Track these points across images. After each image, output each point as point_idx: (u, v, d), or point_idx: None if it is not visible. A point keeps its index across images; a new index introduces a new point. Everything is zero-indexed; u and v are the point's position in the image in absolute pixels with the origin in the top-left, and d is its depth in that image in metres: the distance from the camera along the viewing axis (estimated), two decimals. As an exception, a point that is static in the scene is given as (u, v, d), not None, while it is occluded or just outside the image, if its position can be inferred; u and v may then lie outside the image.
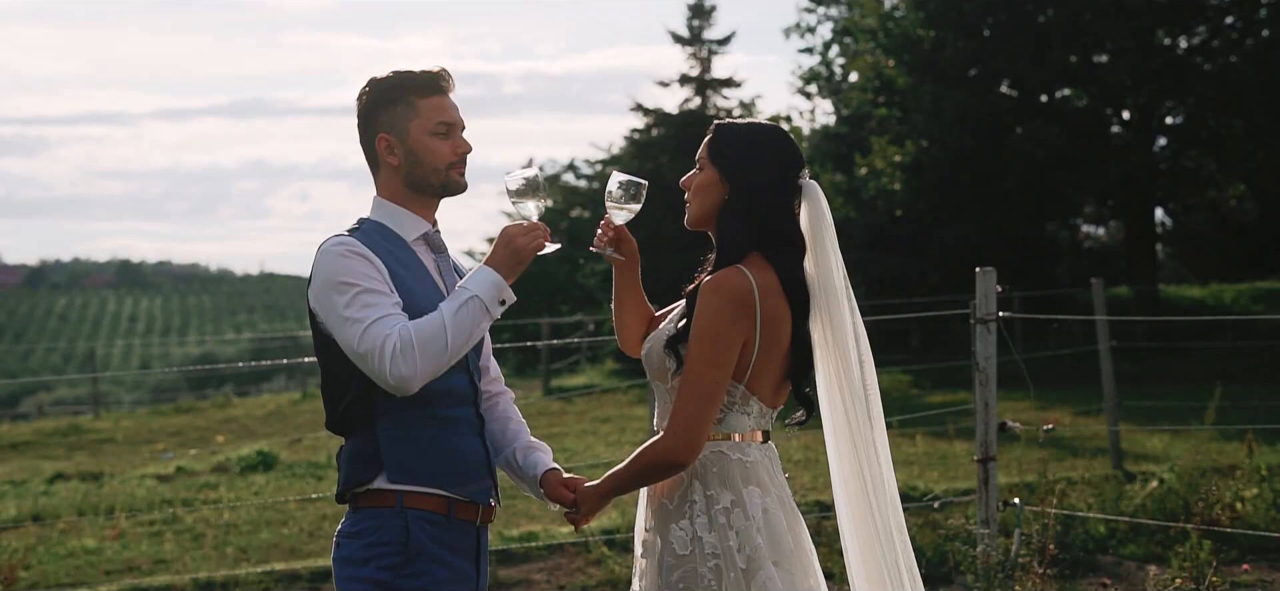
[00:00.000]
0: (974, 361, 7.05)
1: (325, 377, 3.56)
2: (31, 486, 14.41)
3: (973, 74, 26.66)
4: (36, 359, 79.07)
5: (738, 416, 3.54)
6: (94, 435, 20.20)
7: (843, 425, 3.59)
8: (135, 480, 14.40)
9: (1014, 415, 15.60)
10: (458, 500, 3.53)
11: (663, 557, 3.52)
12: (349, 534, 3.51)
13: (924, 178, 26.34)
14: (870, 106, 28.31)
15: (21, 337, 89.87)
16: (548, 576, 8.88)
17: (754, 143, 3.59)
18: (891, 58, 27.09)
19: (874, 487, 3.57)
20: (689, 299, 3.58)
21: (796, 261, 3.56)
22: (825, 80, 35.30)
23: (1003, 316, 7.25)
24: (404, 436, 3.48)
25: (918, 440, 14.44)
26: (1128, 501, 9.47)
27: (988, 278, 7.08)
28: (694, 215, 3.64)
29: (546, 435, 16.73)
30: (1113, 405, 12.19)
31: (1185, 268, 37.27)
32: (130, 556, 10.03)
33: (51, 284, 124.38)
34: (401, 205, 3.61)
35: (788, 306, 3.52)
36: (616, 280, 3.83)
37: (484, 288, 3.44)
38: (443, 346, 3.36)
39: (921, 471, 12.36)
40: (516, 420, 3.84)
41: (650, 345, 3.63)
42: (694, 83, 30.37)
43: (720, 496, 3.49)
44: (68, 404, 37.41)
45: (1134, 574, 8.18)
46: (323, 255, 3.48)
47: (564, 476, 3.70)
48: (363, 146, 3.65)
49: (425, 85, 3.59)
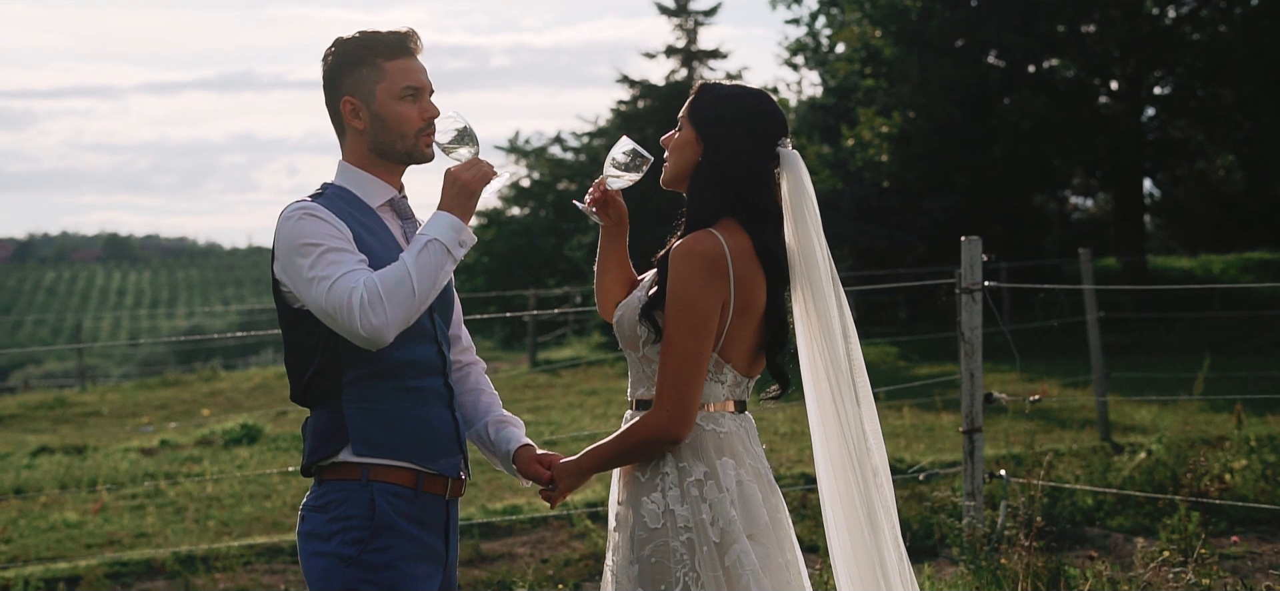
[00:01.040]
0: (959, 332, 7.00)
1: (288, 348, 3.47)
2: (15, 460, 14.33)
3: (960, 44, 26.57)
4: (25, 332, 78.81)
5: (711, 385, 3.45)
6: (80, 408, 20.11)
7: (828, 402, 3.51)
8: (119, 453, 14.32)
9: (1001, 386, 15.58)
10: (426, 473, 3.44)
11: (634, 531, 3.44)
12: (314, 507, 3.42)
13: (911, 149, 26.27)
14: (857, 77, 28.22)
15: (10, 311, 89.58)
16: (531, 550, 8.82)
17: (733, 105, 3.50)
18: (878, 28, 26.98)
19: (859, 464, 3.48)
20: (660, 265, 3.50)
21: (771, 231, 3.48)
22: (812, 51, 35.21)
23: (989, 286, 7.19)
24: (370, 408, 3.40)
25: (905, 412, 14.40)
26: (1115, 473, 9.43)
27: (973, 247, 7.02)
28: (668, 174, 3.57)
29: (532, 408, 16.68)
30: (1100, 376, 12.15)
31: (1173, 238, 37.26)
32: (112, 530, 9.96)
33: (40, 258, 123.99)
34: (366, 170, 3.52)
35: (762, 271, 3.44)
36: (602, 243, 3.75)
37: (441, 230, 3.35)
38: (409, 293, 3.27)
39: (908, 443, 12.32)
40: (489, 392, 3.75)
41: (622, 312, 3.54)
42: (680, 54, 30.29)
43: (693, 468, 3.41)
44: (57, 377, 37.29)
45: (1122, 546, 8.14)
46: (284, 221, 3.38)
47: (538, 452, 3.61)
48: (328, 109, 3.55)
49: (392, 47, 3.48)
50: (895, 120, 26.36)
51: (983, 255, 7.08)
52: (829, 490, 3.54)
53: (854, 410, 3.50)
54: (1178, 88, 27.22)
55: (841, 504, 3.52)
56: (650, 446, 3.40)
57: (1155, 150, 27.55)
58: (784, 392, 3.56)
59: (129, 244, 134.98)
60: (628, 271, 3.77)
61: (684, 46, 30.38)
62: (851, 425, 3.49)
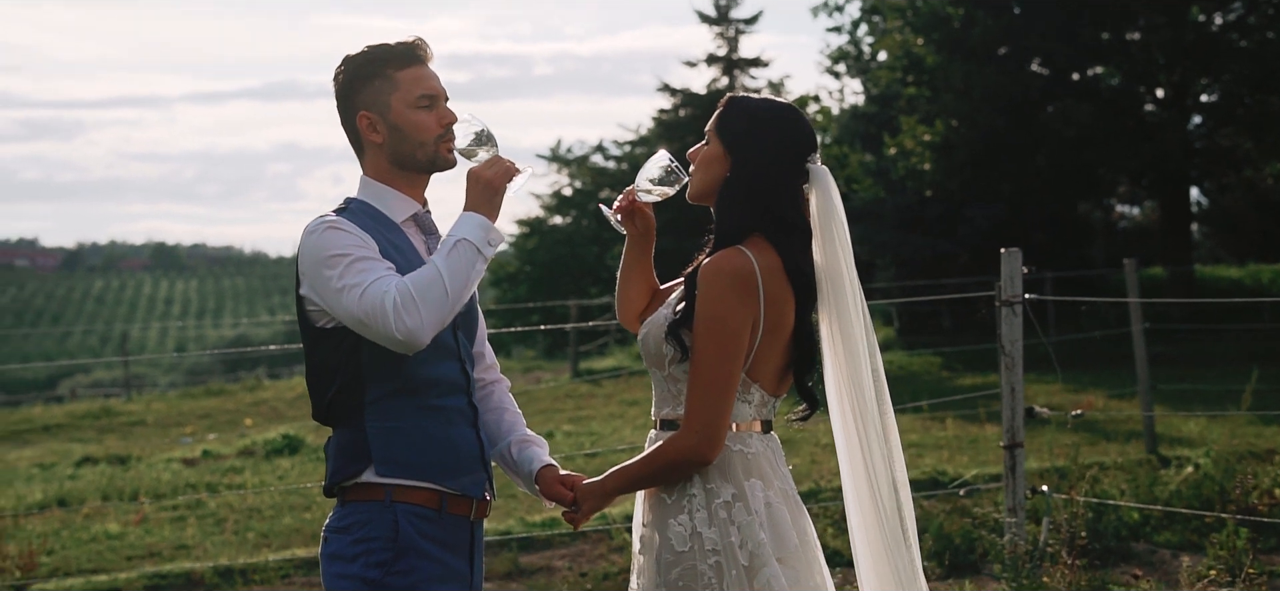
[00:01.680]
0: (1000, 344, 6.91)
1: (310, 367, 3.42)
2: (59, 470, 14.42)
3: (1003, 52, 26.39)
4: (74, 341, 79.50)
5: (739, 405, 3.38)
6: (125, 418, 20.22)
7: (851, 422, 3.45)
8: (162, 464, 14.38)
9: (1046, 398, 15.44)
10: (449, 494, 3.39)
11: (661, 554, 3.37)
12: (336, 529, 3.37)
13: (954, 157, 26.09)
14: (899, 85, 28.07)
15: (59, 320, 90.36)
16: (570, 563, 8.78)
17: (762, 120, 3.44)
18: (921, 36, 26.83)
19: (881, 490, 3.42)
20: (687, 282, 3.43)
21: (800, 248, 3.41)
22: (854, 59, 35.05)
23: (1031, 298, 7.10)
24: (393, 427, 3.35)
25: (948, 423, 14.28)
26: (1162, 487, 9.29)
27: (1013, 258, 6.93)
28: (696, 188, 3.50)
29: (573, 418, 16.65)
30: (1146, 388, 12.00)
31: (1221, 248, 36.90)
32: (152, 541, 9.98)
33: (88, 267, 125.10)
34: (388, 184, 3.47)
35: (791, 290, 3.38)
36: (627, 252, 3.69)
37: (469, 229, 3.30)
38: (442, 293, 3.22)
39: (951, 455, 12.22)
40: (512, 411, 3.69)
41: (647, 329, 3.47)
42: (721, 62, 30.25)
43: (721, 490, 3.34)
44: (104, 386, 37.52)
45: (1168, 563, 8.01)
46: (308, 235, 3.34)
47: (561, 473, 3.55)
48: (344, 128, 3.51)
49: (403, 57, 3.44)
50: (938, 129, 26.19)
51: (1024, 267, 6.99)
52: (853, 509, 3.48)
53: (876, 433, 3.42)
54: (1225, 95, 26.94)
55: (863, 524, 3.46)
56: (678, 468, 3.34)
57: (1202, 158, 27.27)
58: (811, 414, 3.50)
59: (176, 253, 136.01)
60: (651, 281, 3.71)
61: (725, 55, 30.35)
62: (875, 447, 3.42)
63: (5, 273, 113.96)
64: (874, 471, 3.43)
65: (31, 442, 18.20)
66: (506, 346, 32.45)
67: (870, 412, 3.43)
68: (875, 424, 3.43)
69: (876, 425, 3.44)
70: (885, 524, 3.42)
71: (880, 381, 3.45)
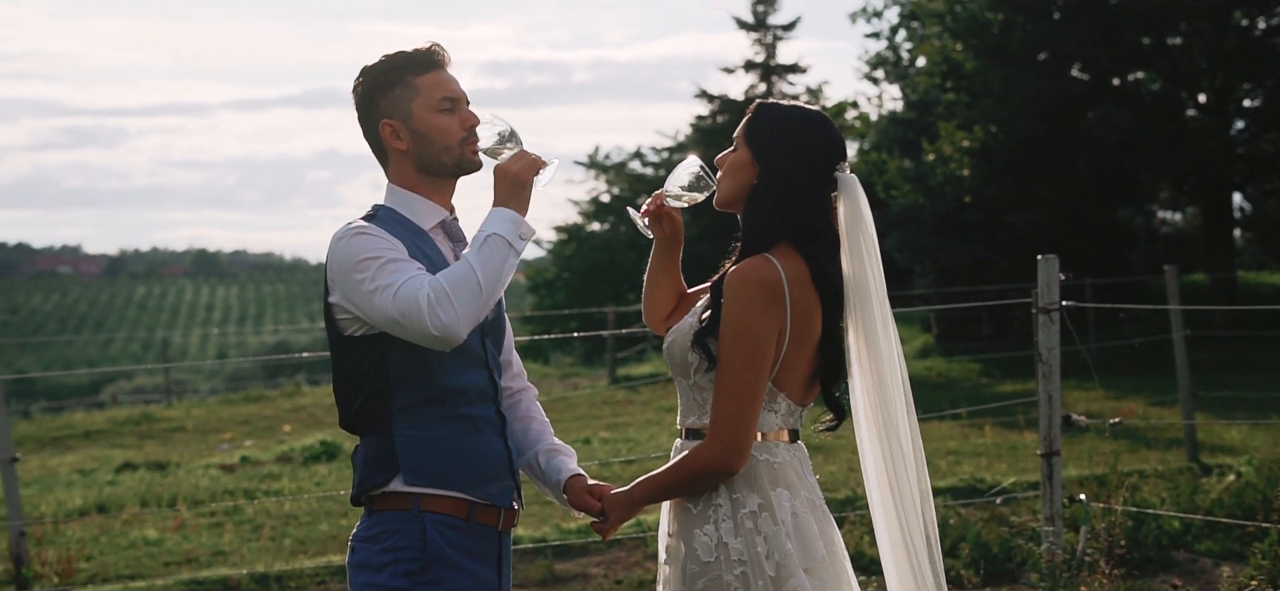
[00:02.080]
0: (1036, 352, 6.86)
1: (338, 375, 3.42)
2: (99, 476, 14.52)
3: (1042, 57, 26.23)
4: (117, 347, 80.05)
5: (765, 414, 3.35)
6: (165, 424, 20.36)
7: (876, 433, 3.42)
8: (200, 470, 14.46)
9: (1086, 405, 15.33)
10: (478, 503, 3.38)
11: (686, 565, 3.35)
12: (364, 538, 3.36)
13: (993, 163, 25.95)
14: (938, 91, 27.95)
15: (102, 327, 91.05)
16: (605, 570, 8.76)
17: (790, 127, 3.41)
18: (959, 42, 26.71)
19: (906, 501, 3.39)
20: (713, 290, 3.41)
21: (828, 257, 3.39)
22: (892, 65, 34.94)
23: (1069, 305, 7.04)
24: (421, 436, 3.34)
25: (986, 431, 14.20)
26: (1203, 496, 9.19)
27: (1050, 265, 6.88)
28: (723, 195, 3.48)
29: (610, 424, 16.64)
30: (1187, 396, 11.90)
31: (1264, 253, 36.53)
32: (190, 548, 10.03)
33: (131, 273, 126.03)
34: (415, 191, 3.46)
35: (818, 299, 3.35)
36: (654, 256, 3.69)
37: (500, 224, 3.29)
38: (475, 287, 3.21)
39: (990, 463, 12.14)
40: (540, 420, 3.67)
41: (673, 338, 3.45)
42: (759, 69, 30.19)
43: (746, 500, 3.31)
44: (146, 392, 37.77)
45: (1209, 572, 7.93)
46: (336, 242, 3.34)
47: (589, 483, 3.52)
48: (367, 139, 3.50)
49: (421, 62, 3.43)
50: (976, 134, 26.06)
51: (1061, 273, 6.93)
52: (880, 519, 3.45)
53: (902, 443, 3.39)
54: (1268, 100, 26.70)
55: (889, 534, 3.43)
56: (704, 478, 3.31)
57: (1245, 163, 27.04)
58: (838, 423, 3.47)
59: (217, 259, 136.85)
60: (678, 285, 3.69)
61: (763, 61, 30.29)
62: (899, 457, 3.39)
63: (49, 279, 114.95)
64: (899, 482, 3.40)
65: (73, 448, 18.34)
66: (544, 353, 32.48)
67: (896, 423, 3.40)
68: (900, 435, 3.40)
69: (902, 436, 3.41)
70: (910, 535, 3.39)
71: (906, 392, 3.42)
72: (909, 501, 3.39)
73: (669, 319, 3.68)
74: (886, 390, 3.39)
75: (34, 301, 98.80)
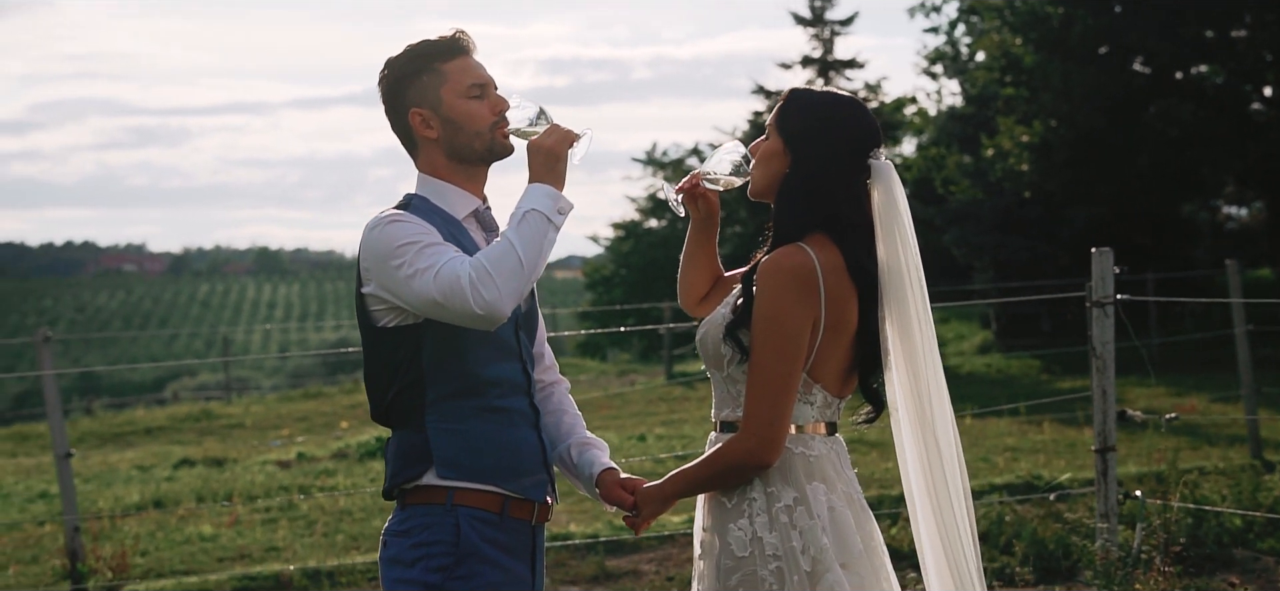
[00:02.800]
0: (1090, 346, 6.76)
1: (370, 368, 3.38)
2: (157, 472, 14.63)
3: (1103, 51, 25.94)
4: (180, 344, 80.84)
5: (800, 406, 3.29)
6: (225, 420, 20.53)
7: (914, 424, 3.35)
8: (257, 466, 14.54)
9: (1147, 402, 15.15)
10: (512, 497, 3.33)
11: (721, 560, 3.29)
12: (397, 532, 3.32)
13: (1052, 158, 25.69)
14: (997, 86, 27.72)
15: (166, 323, 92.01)
16: (657, 567, 8.73)
17: (822, 114, 3.34)
18: (1019, 36, 26.45)
19: (942, 496, 3.32)
20: (745, 281, 3.34)
21: (862, 247, 3.31)
22: (951, 60, 34.66)
23: (1125, 299, 6.94)
24: (454, 429, 3.29)
25: (1045, 427, 14.08)
26: (1266, 493, 9.03)
27: (1104, 258, 6.79)
28: (756, 184, 3.42)
29: (666, 420, 16.62)
30: (1251, 392, 11.72)
31: (1332, 248, 35.98)
32: (244, 544, 10.08)
33: (194, 271, 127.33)
34: (447, 180, 3.42)
35: (853, 288, 3.28)
36: (690, 234, 3.64)
37: (537, 200, 3.23)
38: (516, 264, 3.15)
39: (1048, 460, 12.03)
40: (572, 413, 3.62)
41: (705, 329, 3.39)
42: (816, 64, 30.04)
43: (782, 494, 3.25)
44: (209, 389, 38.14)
45: (1271, 570, 7.79)
46: (370, 231, 3.29)
47: (622, 477, 3.47)
48: (396, 130, 3.46)
49: (448, 49, 3.39)
50: (1036, 129, 25.81)
51: (1116, 267, 6.83)
52: (918, 514, 3.39)
53: (938, 436, 3.33)
54: (1335, 93, 26.29)
55: (928, 530, 3.37)
56: (738, 471, 3.25)
57: (1312, 157, 26.62)
58: (876, 415, 3.40)
59: (279, 257, 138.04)
60: (714, 267, 3.64)
61: (820, 56, 30.15)
62: (934, 451, 3.33)
63: (114, 277, 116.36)
64: (937, 476, 3.33)
65: (134, 444, 18.52)
66: (601, 349, 32.51)
67: (933, 417, 3.33)
68: (938, 429, 3.33)
69: (939, 430, 3.34)
70: (950, 530, 3.32)
71: (941, 384, 3.35)
72: (949, 496, 3.32)
73: (703, 301, 3.64)
74: (922, 384, 3.32)
75: (100, 299, 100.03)
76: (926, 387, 3.33)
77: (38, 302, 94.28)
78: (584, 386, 22.25)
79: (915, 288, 3.32)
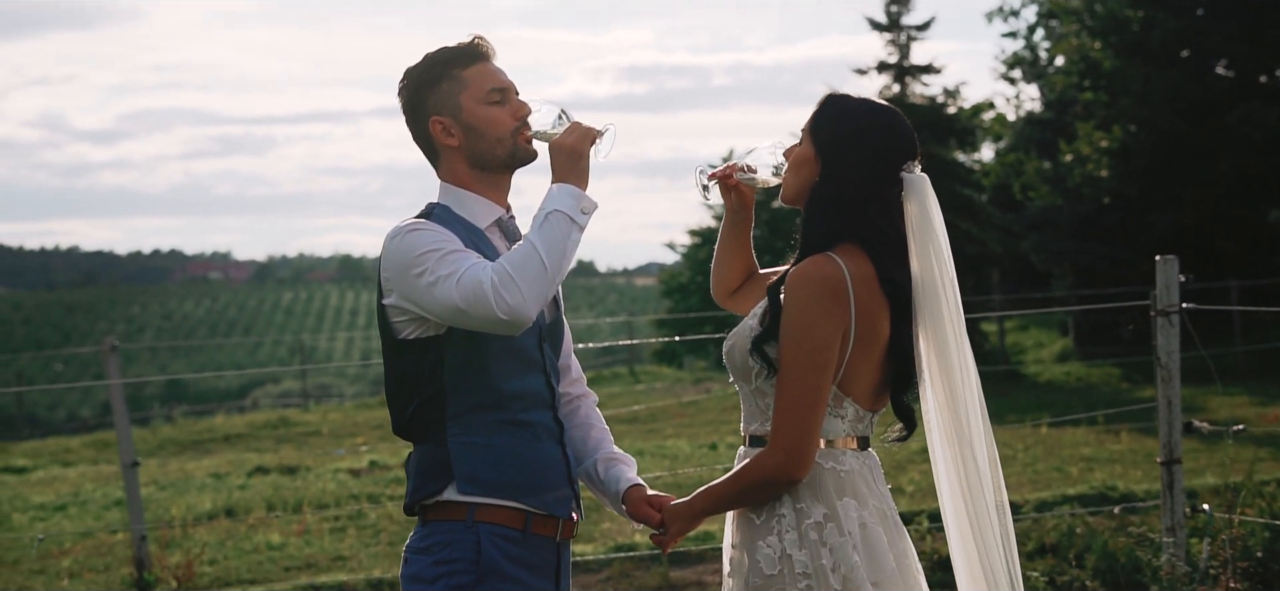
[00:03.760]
0: (1155, 356, 6.63)
1: (390, 380, 3.33)
2: (231, 480, 14.75)
3: (1185, 55, 25.55)
4: (264, 352, 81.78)
5: (831, 420, 3.21)
6: (302, 427, 20.68)
7: (951, 447, 3.26)
8: (329, 474, 14.62)
9: (1230, 411, 14.85)
10: (535, 513, 3.27)
11: (749, 578, 3.22)
12: (417, 549, 3.27)
13: (1132, 163, 25.34)
14: (1075, 91, 27.40)
15: (251, 331, 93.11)
16: (721, 579, 8.67)
17: (854, 123, 3.26)
18: (1098, 40, 26.13)
19: (979, 515, 3.23)
20: (771, 293, 3.26)
21: (894, 259, 3.22)
22: (1030, 65, 34.33)
23: (1193, 308, 6.80)
24: (476, 443, 3.24)
25: (1123, 436, 13.85)
26: (1353, 508, 8.81)
27: (1169, 266, 6.66)
28: (786, 190, 3.36)
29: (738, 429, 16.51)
30: (1334, 402, 11.45)
31: None
32: (311, 553, 10.13)
33: (278, 279, 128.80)
34: (469, 189, 3.37)
35: (885, 301, 3.20)
36: (723, 226, 3.60)
37: (560, 200, 3.17)
38: (540, 266, 3.09)
39: (1124, 470, 11.84)
40: (599, 427, 3.55)
41: (733, 342, 3.31)
42: (892, 70, 29.79)
43: (811, 510, 3.17)
44: (292, 396, 38.54)
45: (1352, 587, 7.59)
46: (390, 241, 3.25)
47: (649, 494, 3.40)
48: (417, 140, 3.42)
49: (466, 56, 3.35)
50: (1115, 134, 25.48)
51: (1182, 275, 6.69)
52: (953, 533, 3.30)
53: (975, 454, 3.23)
54: None
55: (963, 549, 3.28)
56: (766, 487, 3.18)
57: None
58: (908, 434, 3.32)
59: (362, 265, 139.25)
60: (748, 261, 3.59)
61: (896, 62, 29.89)
62: (972, 469, 3.24)
63: (200, 285, 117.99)
64: (973, 494, 3.24)
65: (212, 452, 18.71)
66: (678, 357, 32.50)
67: (969, 435, 3.24)
68: (974, 446, 3.24)
69: (976, 447, 3.24)
70: (985, 549, 3.23)
71: (978, 401, 3.26)
72: (984, 514, 3.23)
73: (734, 295, 3.60)
74: (958, 400, 3.24)
75: (186, 307, 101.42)
76: (963, 405, 3.24)
77: (126, 311, 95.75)
78: (660, 394, 22.23)
79: (951, 303, 3.23)
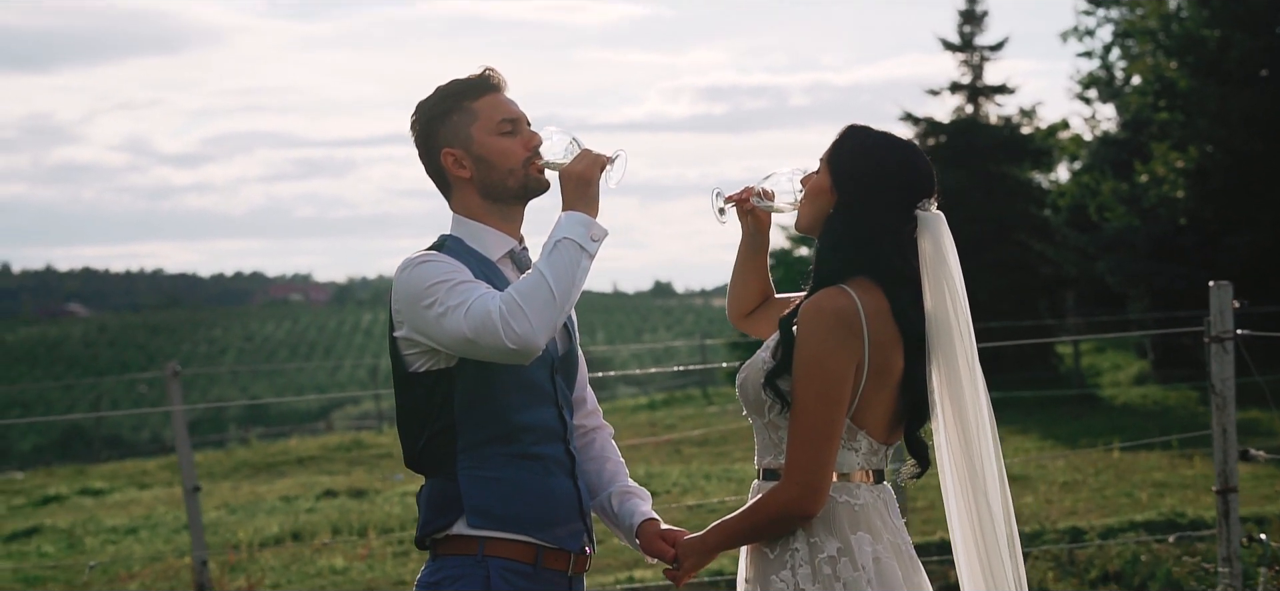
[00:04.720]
0: (1209, 384, 6.55)
1: (402, 412, 3.33)
2: (299, 503, 14.86)
3: (1263, 74, 25.19)
4: (344, 374, 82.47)
5: (845, 453, 3.18)
6: (374, 450, 20.79)
7: (962, 485, 3.22)
8: (396, 497, 14.70)
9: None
10: (546, 547, 3.25)
11: None
12: (427, 584, 3.25)
13: (1208, 184, 25.01)
14: (1151, 111, 27.08)
15: (330, 353, 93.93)
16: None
17: (871, 157, 3.24)
18: (1173, 60, 25.82)
19: (991, 553, 3.19)
20: (784, 326, 3.25)
21: (907, 295, 3.20)
22: (1105, 84, 33.95)
23: (1243, 334, 6.71)
24: (487, 476, 3.23)
25: (1196, 462, 13.66)
26: None
27: (1223, 292, 6.57)
28: (801, 219, 3.35)
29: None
30: None
31: None
32: (373, 577, 10.19)
33: (357, 301, 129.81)
34: (481, 221, 3.37)
35: (899, 334, 3.18)
36: (740, 249, 3.58)
37: (569, 227, 3.17)
38: (548, 295, 3.09)
39: (1195, 495, 11.67)
40: (614, 460, 3.52)
41: (745, 375, 3.29)
42: (965, 90, 29.61)
43: (825, 544, 3.15)
44: (369, 418, 38.82)
45: None
46: (401, 272, 3.26)
47: (663, 528, 3.37)
48: (429, 172, 3.43)
49: (477, 87, 3.36)
50: (1191, 154, 25.15)
51: (1236, 301, 6.61)
52: (964, 570, 3.26)
53: (987, 493, 3.19)
54: None
55: (972, 585, 3.24)
56: (780, 522, 3.16)
57: None
58: (923, 471, 3.30)
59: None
60: (765, 284, 3.58)
61: (969, 82, 29.70)
62: (985, 509, 3.20)
63: (281, 307, 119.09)
64: (985, 533, 3.20)
65: (285, 474, 18.87)
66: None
67: (981, 473, 3.20)
68: (987, 485, 3.20)
69: (988, 486, 3.20)
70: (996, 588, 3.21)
71: (991, 443, 3.22)
72: (996, 553, 3.20)
73: (750, 316, 3.59)
74: (970, 438, 3.20)
75: (267, 329, 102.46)
76: (976, 446, 3.20)
77: (208, 332, 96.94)
78: (731, 416, 22.18)
79: (965, 341, 3.20)
